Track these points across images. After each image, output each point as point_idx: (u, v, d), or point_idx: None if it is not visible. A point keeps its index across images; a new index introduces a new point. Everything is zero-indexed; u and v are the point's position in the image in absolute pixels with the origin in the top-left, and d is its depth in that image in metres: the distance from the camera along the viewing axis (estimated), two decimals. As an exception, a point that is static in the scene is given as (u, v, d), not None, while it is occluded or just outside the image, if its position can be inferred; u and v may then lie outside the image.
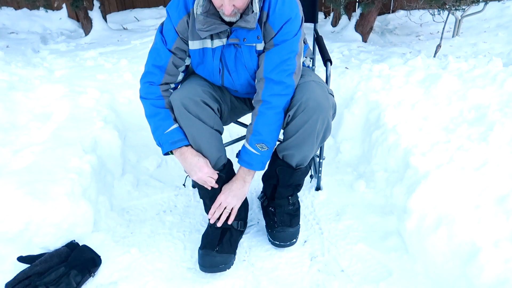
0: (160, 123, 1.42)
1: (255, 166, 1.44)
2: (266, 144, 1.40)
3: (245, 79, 1.46)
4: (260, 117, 1.39)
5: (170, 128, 1.41)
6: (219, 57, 1.40)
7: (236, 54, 1.39)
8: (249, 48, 1.38)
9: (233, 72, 1.44)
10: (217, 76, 1.46)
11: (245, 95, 1.61)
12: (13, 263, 1.37)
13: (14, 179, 1.54)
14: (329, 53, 1.72)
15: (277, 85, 1.37)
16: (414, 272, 1.42)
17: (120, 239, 1.65)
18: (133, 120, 2.32)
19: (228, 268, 1.47)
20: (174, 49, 1.41)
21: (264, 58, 1.38)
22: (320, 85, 1.40)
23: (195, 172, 1.43)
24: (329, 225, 1.69)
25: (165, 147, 1.42)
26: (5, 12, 5.02)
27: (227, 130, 2.37)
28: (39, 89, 2.35)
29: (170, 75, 1.44)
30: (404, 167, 1.73)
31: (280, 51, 1.36)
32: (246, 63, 1.41)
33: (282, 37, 1.35)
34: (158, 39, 1.43)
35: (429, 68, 2.52)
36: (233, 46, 1.38)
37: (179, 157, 1.43)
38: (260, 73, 1.39)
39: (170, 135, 1.41)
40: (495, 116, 1.78)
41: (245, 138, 1.46)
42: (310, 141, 1.41)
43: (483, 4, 3.97)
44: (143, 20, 5.35)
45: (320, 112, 1.35)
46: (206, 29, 1.30)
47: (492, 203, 1.39)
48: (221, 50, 1.39)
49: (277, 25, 1.34)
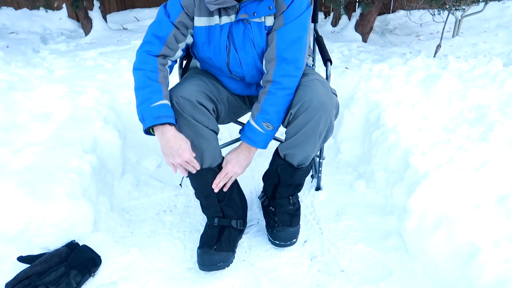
0: (148, 96, 1.32)
1: (258, 143, 1.43)
2: (272, 123, 1.40)
3: (252, 58, 1.44)
4: (269, 97, 1.39)
5: (158, 102, 1.31)
6: (227, 34, 1.39)
7: (245, 30, 1.38)
8: (258, 25, 1.37)
9: (240, 49, 1.42)
10: (224, 54, 1.44)
11: (247, 91, 1.60)
12: (13, 263, 1.37)
13: (14, 179, 1.54)
14: (329, 53, 1.72)
15: (289, 65, 1.37)
16: (414, 272, 1.42)
17: (120, 239, 1.65)
18: (133, 120, 2.31)
19: (227, 267, 1.47)
20: (177, 22, 1.38)
21: (276, 36, 1.37)
22: (324, 84, 1.39)
23: (173, 156, 1.33)
24: (329, 225, 1.69)
25: (147, 121, 1.30)
26: (5, 12, 5.02)
27: (227, 130, 2.37)
28: (39, 89, 2.35)
29: (169, 48, 1.40)
30: (404, 167, 1.73)
31: (292, 29, 1.36)
32: (254, 40, 1.40)
33: (293, 12, 1.35)
34: (161, 13, 1.40)
35: (429, 68, 2.52)
36: (242, 22, 1.37)
37: (160, 136, 1.32)
38: (272, 53, 1.38)
39: (156, 109, 1.30)
40: (495, 116, 1.78)
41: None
42: (312, 141, 1.41)
43: (483, 4, 3.97)
44: (143, 20, 5.35)
45: (324, 111, 1.34)
46: (215, 2, 1.29)
47: (492, 203, 1.39)
48: (229, 27, 1.38)
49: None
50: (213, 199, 1.52)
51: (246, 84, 1.58)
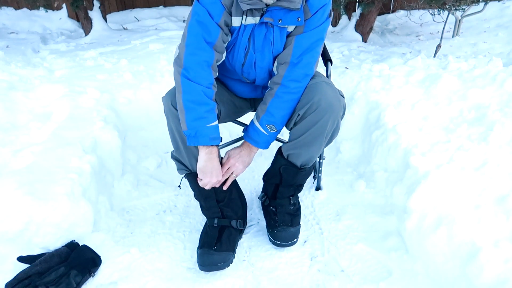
0: (205, 115, 1.32)
1: (261, 144, 1.45)
2: (276, 126, 1.41)
3: (268, 61, 1.44)
4: (276, 100, 1.40)
5: (213, 123, 1.35)
6: (249, 35, 1.38)
7: (266, 34, 1.38)
8: (281, 30, 1.37)
9: (259, 52, 1.41)
10: (242, 55, 1.43)
11: (253, 94, 1.59)
12: (13, 263, 1.37)
13: (14, 179, 1.54)
14: (329, 53, 1.72)
15: (300, 71, 1.38)
16: (414, 272, 1.42)
17: (120, 239, 1.65)
18: (133, 120, 2.32)
19: (227, 267, 1.47)
20: (221, 23, 1.32)
21: (294, 42, 1.37)
22: (331, 86, 1.40)
23: (211, 175, 1.40)
24: (329, 225, 1.69)
25: (201, 139, 1.33)
26: (5, 12, 5.02)
27: (227, 130, 2.37)
28: (39, 89, 2.35)
29: (218, 51, 1.36)
30: (404, 167, 1.73)
31: (311, 36, 1.36)
32: (274, 44, 1.40)
33: (316, 21, 1.35)
34: (201, 12, 1.30)
35: (429, 68, 2.52)
36: (265, 25, 1.36)
37: (206, 155, 1.37)
38: (286, 57, 1.39)
39: (212, 130, 1.34)
40: (495, 116, 1.78)
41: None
42: (319, 142, 1.42)
43: (483, 4, 3.97)
44: (143, 20, 5.34)
45: (332, 112, 1.35)
46: (248, 2, 1.28)
47: (492, 203, 1.39)
48: (252, 29, 1.37)
49: (315, 7, 1.34)
50: (212, 200, 1.52)
51: (253, 87, 1.58)
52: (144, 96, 2.42)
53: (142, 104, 2.39)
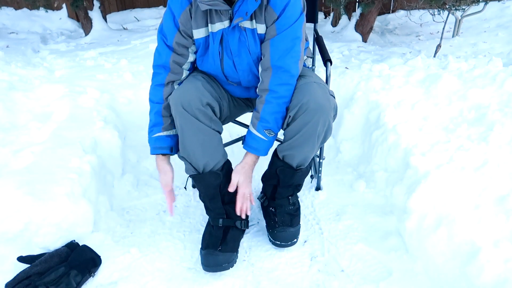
0: (151, 129, 1.50)
1: (261, 151, 1.46)
2: (273, 130, 1.42)
3: (247, 63, 1.45)
4: (267, 106, 1.40)
5: (156, 134, 1.48)
6: (219, 40, 1.40)
7: (240, 37, 1.39)
8: (252, 31, 1.38)
9: (236, 56, 1.43)
10: (217, 62, 1.45)
11: (245, 94, 1.60)
12: (13, 263, 1.37)
13: (14, 179, 1.54)
14: (329, 53, 1.72)
15: (284, 74, 1.38)
16: (414, 272, 1.42)
17: (120, 239, 1.65)
18: (133, 120, 2.32)
19: (231, 267, 1.47)
20: (174, 44, 1.42)
21: (270, 46, 1.38)
22: (321, 86, 1.40)
23: (161, 180, 1.53)
24: (329, 225, 1.69)
25: (151, 149, 1.52)
26: (5, 12, 5.02)
27: (227, 130, 2.37)
28: (39, 89, 2.35)
29: (174, 73, 1.47)
30: (404, 167, 1.73)
31: (285, 38, 1.36)
32: (250, 47, 1.41)
33: (286, 22, 1.35)
34: (158, 39, 1.46)
35: (429, 68, 2.52)
36: (237, 29, 1.37)
37: (156, 162, 1.53)
38: (267, 62, 1.39)
39: (155, 140, 1.49)
40: (495, 116, 1.78)
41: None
42: (311, 142, 1.41)
43: (483, 4, 3.96)
44: (143, 20, 5.35)
45: (321, 113, 1.35)
46: (208, 2, 1.29)
47: (492, 203, 1.39)
48: (222, 33, 1.39)
49: (279, 6, 1.34)
50: (217, 201, 1.52)
51: (244, 88, 1.58)
52: (144, 96, 2.41)
53: (142, 104, 2.38)
